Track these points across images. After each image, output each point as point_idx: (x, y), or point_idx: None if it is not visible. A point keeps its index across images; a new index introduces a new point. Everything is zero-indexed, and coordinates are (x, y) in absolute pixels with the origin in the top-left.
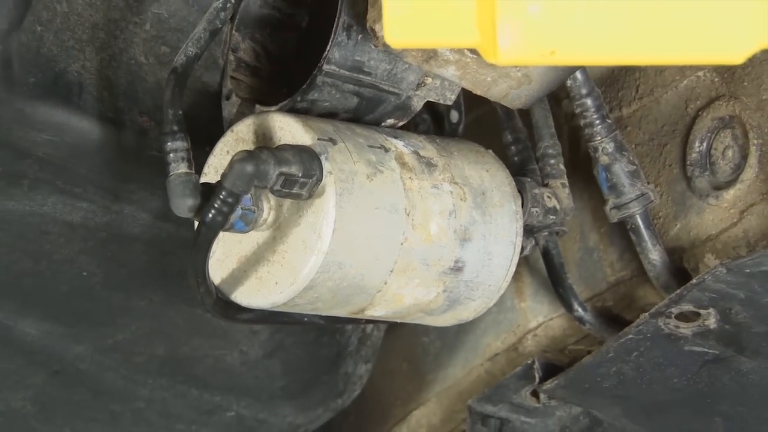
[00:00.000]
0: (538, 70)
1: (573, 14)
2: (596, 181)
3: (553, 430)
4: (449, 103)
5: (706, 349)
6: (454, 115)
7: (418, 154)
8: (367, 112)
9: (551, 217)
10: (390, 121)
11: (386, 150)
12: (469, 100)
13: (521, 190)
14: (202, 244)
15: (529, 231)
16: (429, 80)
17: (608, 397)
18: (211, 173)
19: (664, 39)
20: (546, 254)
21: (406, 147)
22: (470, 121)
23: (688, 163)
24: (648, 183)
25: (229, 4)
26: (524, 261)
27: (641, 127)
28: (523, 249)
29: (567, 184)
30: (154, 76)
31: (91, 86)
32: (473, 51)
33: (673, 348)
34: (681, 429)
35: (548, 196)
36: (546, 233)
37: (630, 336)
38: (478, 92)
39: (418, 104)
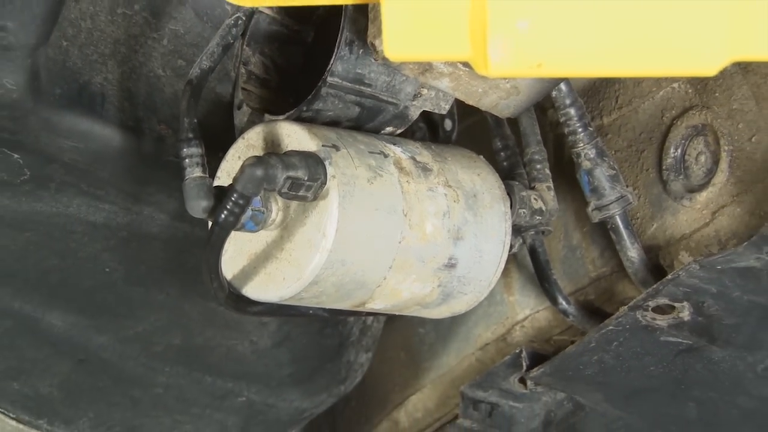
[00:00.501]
0: (525, 82)
1: (558, 30)
2: (579, 184)
3: (539, 414)
4: (443, 112)
5: (680, 340)
6: (448, 124)
7: (414, 159)
8: (367, 121)
9: (537, 217)
10: (389, 129)
11: (385, 155)
12: (461, 109)
13: (510, 193)
14: (215, 243)
15: (517, 230)
16: (425, 91)
17: (590, 384)
18: (224, 177)
19: (642, 52)
20: (533, 252)
21: (404, 153)
22: (463, 129)
23: (663, 167)
24: (627, 186)
25: (240, 21)
26: (512, 258)
27: (620, 135)
28: (511, 247)
29: (552, 187)
30: (171, 87)
31: (113, 97)
32: (465, 64)
33: (650, 338)
34: (657, 413)
35: (535, 198)
36: (533, 232)
37: (610, 327)
38: (470, 102)
39: (414, 113)
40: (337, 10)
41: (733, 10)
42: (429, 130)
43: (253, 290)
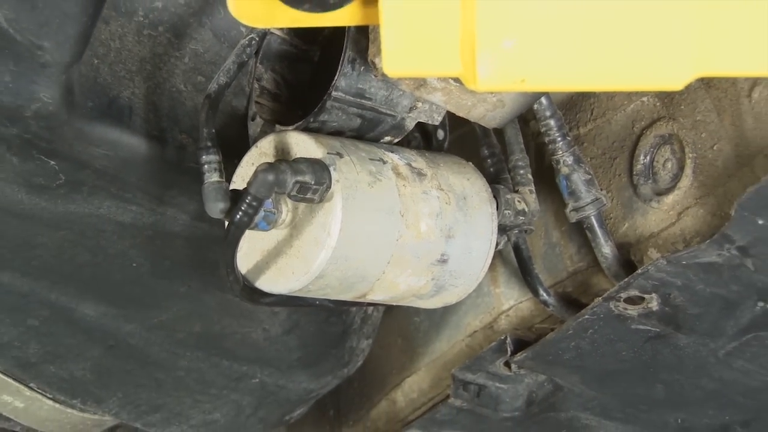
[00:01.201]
0: (510, 96)
1: (540, 48)
2: (558, 188)
3: (522, 395)
4: (436, 123)
5: (649, 327)
6: (440, 134)
7: (410, 165)
8: (368, 131)
9: (521, 217)
10: (387, 138)
11: (384, 162)
12: (452, 120)
13: (496, 196)
14: (231, 241)
15: (502, 229)
16: (420, 104)
17: (568, 367)
18: (239, 181)
19: (615, 69)
20: (516, 249)
21: (401, 159)
22: (453, 138)
23: (634, 173)
24: (601, 190)
25: (254, 41)
26: (498, 254)
27: (595, 143)
28: (497, 244)
29: (534, 190)
30: (191, 101)
31: (140, 109)
32: (456, 80)
33: (622, 326)
34: (628, 393)
35: (518, 201)
36: (516, 231)
37: (586, 316)
38: (460, 114)
39: (410, 124)
40: (341, 31)
41: (697, 30)
42: (423, 139)
43: (265, 283)
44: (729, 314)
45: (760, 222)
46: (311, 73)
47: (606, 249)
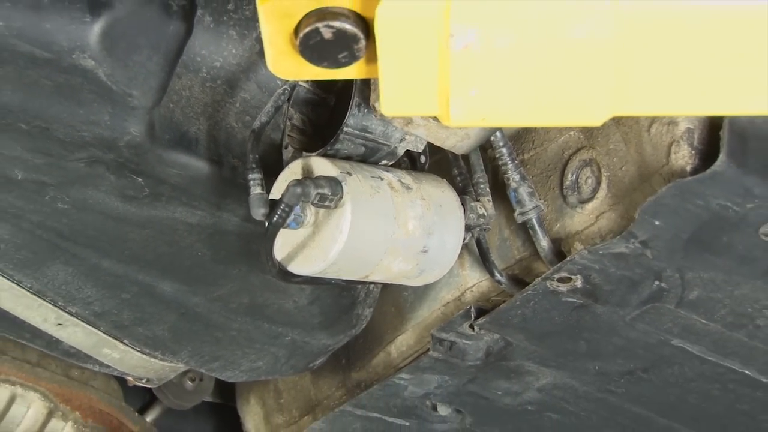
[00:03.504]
0: (474, 130)
1: (495, 96)
2: (509, 198)
3: (482, 348)
4: (420, 150)
5: (574, 300)
6: (422, 158)
7: (401, 181)
8: (369, 156)
9: (482, 219)
10: (384, 162)
11: (382, 179)
12: (431, 148)
13: (464, 203)
14: (270, 236)
15: (467, 228)
16: (408, 137)
17: (515, 329)
18: (276, 193)
19: (550, 110)
20: (478, 242)
21: (394, 177)
22: (432, 162)
23: (564, 187)
24: (540, 199)
25: (286, 91)
26: (465, 246)
27: (536, 165)
28: (464, 239)
29: (491, 199)
30: (241, 134)
31: (203, 140)
32: (435, 118)
33: (555, 299)
34: (559, 348)
35: (480, 207)
36: (478, 230)
37: (529, 292)
38: (437, 144)
39: (401, 151)
40: (350, 82)
41: (611, 84)
42: (410, 162)
43: (295, 267)
44: (633, 290)
45: (657, 223)
46: (329, 113)
47: (543, 242)
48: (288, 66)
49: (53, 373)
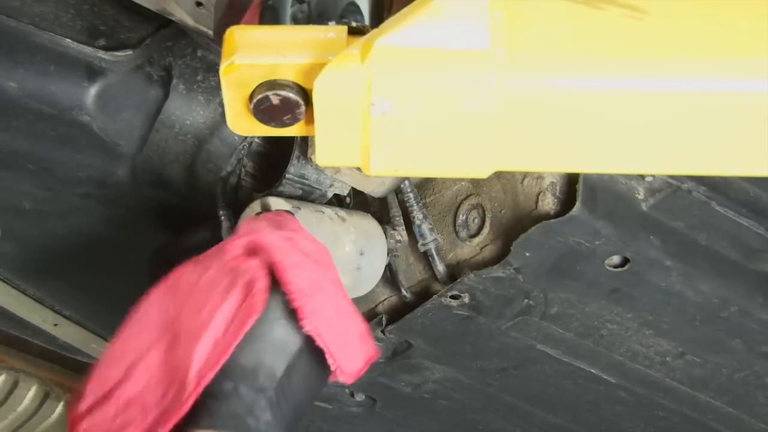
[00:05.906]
0: (389, 179)
1: (405, 153)
2: (413, 232)
3: (390, 348)
4: (345, 193)
5: (463, 312)
6: (348, 200)
7: (338, 214)
8: (305, 198)
9: (399, 244)
10: (317, 202)
11: (323, 212)
12: (355, 191)
13: (385, 232)
14: None
15: (389, 252)
16: (336, 183)
17: (417, 334)
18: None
19: (447, 165)
20: (389, 266)
21: (332, 211)
22: (356, 202)
23: (456, 224)
24: (438, 234)
25: (245, 146)
26: None
27: (435, 207)
28: (387, 260)
29: (404, 231)
30: (206, 177)
31: (179, 181)
32: (358, 168)
33: (448, 312)
34: (450, 349)
35: (397, 235)
36: (393, 255)
37: (428, 305)
38: (359, 188)
39: (330, 194)
40: (292, 139)
41: (495, 145)
42: (338, 203)
43: None
44: (507, 306)
45: (527, 254)
46: (276, 162)
47: (440, 267)
48: (244, 125)
49: (50, 363)
